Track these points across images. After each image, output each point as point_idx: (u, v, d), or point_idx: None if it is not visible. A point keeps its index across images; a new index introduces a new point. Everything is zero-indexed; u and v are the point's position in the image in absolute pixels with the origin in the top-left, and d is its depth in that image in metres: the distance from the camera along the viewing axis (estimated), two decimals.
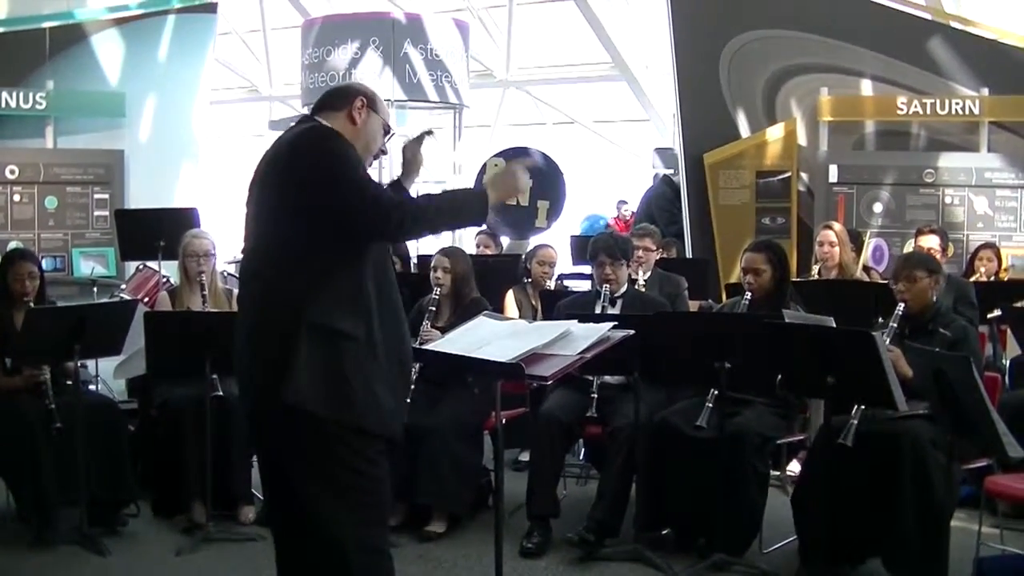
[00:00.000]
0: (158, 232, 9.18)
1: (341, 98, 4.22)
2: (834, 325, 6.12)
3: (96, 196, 11.50)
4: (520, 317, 8.45)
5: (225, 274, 9.31)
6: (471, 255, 8.84)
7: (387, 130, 4.32)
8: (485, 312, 5.51)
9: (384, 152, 4.34)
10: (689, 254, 11.89)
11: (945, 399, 5.17)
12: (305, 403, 3.84)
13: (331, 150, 3.98)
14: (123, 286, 9.61)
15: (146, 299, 8.69)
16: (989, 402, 4.88)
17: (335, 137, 4.04)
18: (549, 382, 4.86)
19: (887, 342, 5.88)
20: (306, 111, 16.07)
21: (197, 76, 12.84)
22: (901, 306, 6.35)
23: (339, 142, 4.02)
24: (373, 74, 15.16)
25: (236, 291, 8.18)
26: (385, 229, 3.96)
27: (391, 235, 4.09)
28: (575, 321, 4.87)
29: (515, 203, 13.69)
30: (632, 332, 4.84)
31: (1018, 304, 8.01)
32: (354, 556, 3.96)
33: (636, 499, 6.66)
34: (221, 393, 6.91)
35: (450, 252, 7.70)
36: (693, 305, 8.91)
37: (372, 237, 3.99)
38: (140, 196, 11.53)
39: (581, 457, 8.36)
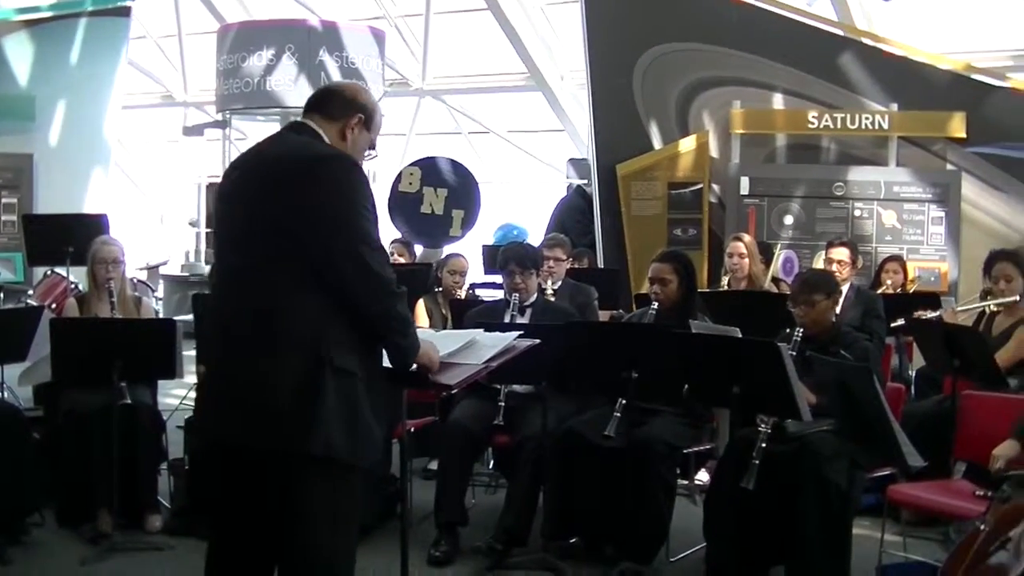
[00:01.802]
0: (67, 238, 9.12)
1: (342, 109, 4.16)
2: (740, 335, 6.20)
3: (4, 200, 11.41)
4: (430, 326, 8.46)
5: (135, 281, 9.24)
6: None
7: (371, 147, 4.29)
8: None
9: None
10: (601, 264, 11.94)
11: (848, 410, 5.23)
12: (334, 452, 3.82)
13: (352, 188, 3.91)
14: (30, 292, 9.52)
15: (54, 305, 8.60)
16: (890, 413, 4.96)
17: (356, 168, 3.97)
18: (454, 391, 4.87)
19: (792, 354, 5.94)
20: (219, 118, 16.06)
21: (110, 80, 12.75)
22: (800, 331, 6.41)
23: (360, 177, 3.96)
24: (288, 81, 15.14)
25: (144, 299, 8.14)
26: (370, 304, 3.94)
27: (368, 307, 4.01)
28: (481, 330, 4.89)
29: (429, 212, 13.73)
30: (537, 341, 4.86)
31: (922, 316, 8.12)
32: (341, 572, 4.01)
33: (544, 508, 6.66)
34: (129, 401, 6.81)
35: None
36: (604, 315, 8.93)
37: (351, 298, 3.91)
38: (49, 201, 11.43)
39: (490, 466, 8.37)
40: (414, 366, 4.25)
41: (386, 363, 4.21)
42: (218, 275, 4.20)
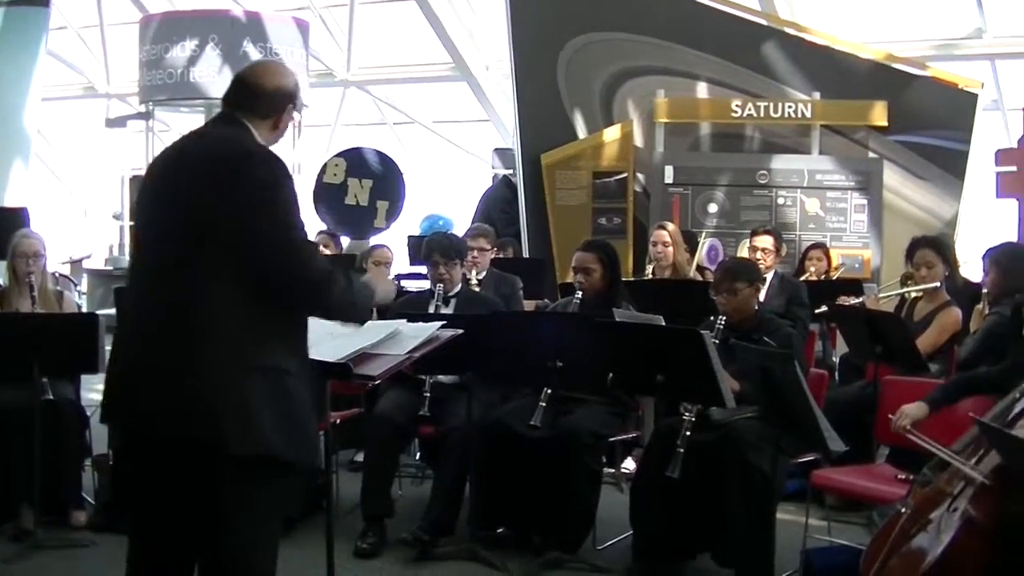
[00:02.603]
0: None
1: (271, 105, 4.06)
2: (663, 324, 6.22)
3: None
4: None
5: (56, 275, 9.13)
6: None
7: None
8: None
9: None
10: (526, 254, 11.96)
11: (771, 396, 5.26)
12: (274, 450, 3.76)
13: (282, 193, 3.85)
14: None
15: None
16: (812, 399, 4.98)
17: (283, 166, 3.91)
18: (377, 382, 4.86)
19: (715, 342, 5.96)
20: (143, 109, 15.93)
21: (29, 71, 12.59)
22: (722, 319, 6.43)
23: (288, 180, 3.90)
24: (212, 72, 15.05)
25: (67, 293, 8.03)
26: (306, 299, 3.92)
27: (306, 303, 3.98)
28: (404, 321, 4.88)
29: (354, 203, 13.68)
30: (460, 332, 4.86)
31: (844, 303, 8.18)
32: (261, 567, 3.98)
33: (470, 498, 6.65)
34: (51, 396, 6.74)
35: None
36: (529, 305, 8.95)
37: (287, 299, 3.88)
38: None
39: (416, 457, 8.35)
40: (335, 350, 4.25)
41: (319, 356, 4.20)
42: (138, 270, 4.11)
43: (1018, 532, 4.56)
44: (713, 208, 12.01)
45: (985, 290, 7.63)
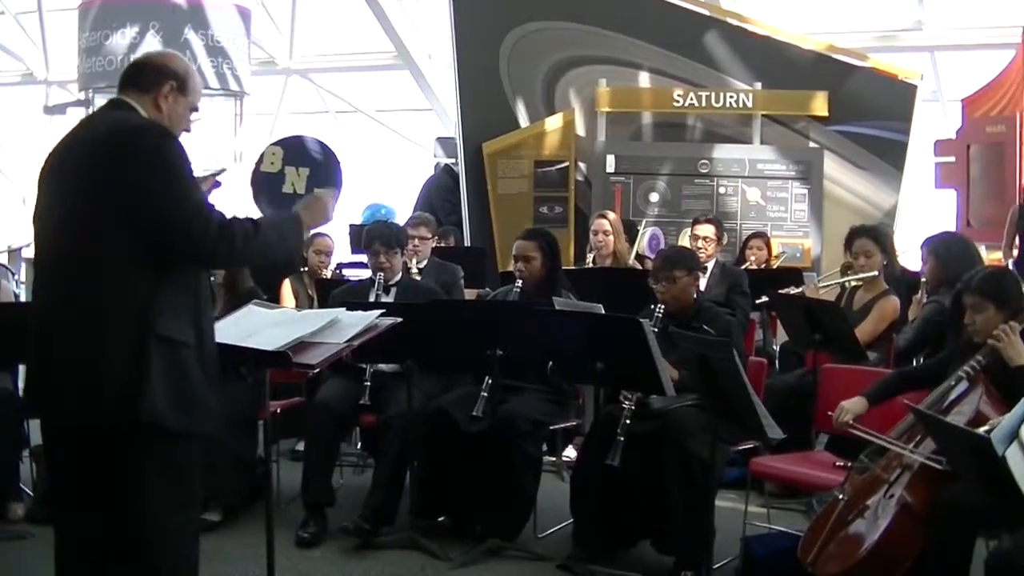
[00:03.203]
0: None
1: (153, 79, 4.07)
2: (603, 312, 6.23)
3: None
4: (296, 306, 8.41)
5: None
6: None
7: (194, 110, 4.21)
8: (255, 301, 5.44)
9: (188, 131, 4.21)
10: (467, 243, 11.95)
11: (710, 384, 5.28)
12: (162, 420, 3.75)
13: (163, 157, 3.83)
14: None
15: None
16: (750, 387, 5.01)
17: (166, 137, 3.90)
18: (316, 370, 4.85)
19: (655, 330, 5.98)
20: (83, 96, 15.81)
21: None
22: (661, 308, 6.44)
23: (171, 145, 3.88)
24: None
25: (4, 282, 7.95)
26: (206, 259, 3.92)
27: (210, 264, 3.96)
28: (343, 309, 4.87)
29: (292, 191, 13.61)
30: (399, 320, 4.86)
31: (784, 291, 8.22)
32: (173, 547, 3.94)
33: (411, 486, 6.64)
34: None
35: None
36: (470, 293, 8.95)
37: (190, 262, 3.89)
38: None
39: (357, 446, 8.33)
40: (274, 338, 4.23)
41: (246, 344, 4.18)
42: (39, 256, 4.09)
43: (952, 516, 4.62)
44: (655, 197, 12.03)
45: (923, 279, 7.70)
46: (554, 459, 7.88)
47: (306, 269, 9.03)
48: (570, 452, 7.99)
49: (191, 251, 3.84)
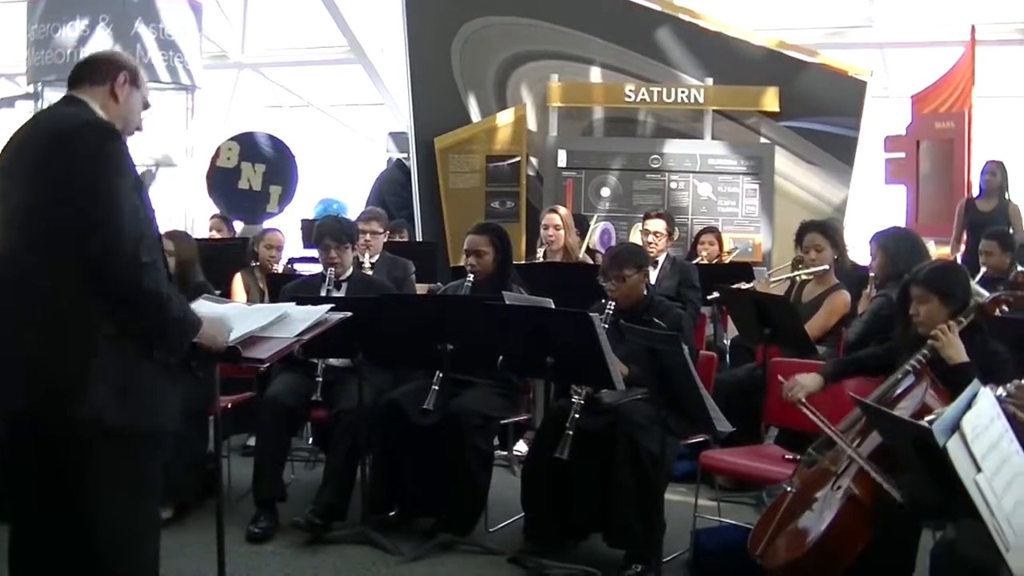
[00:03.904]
0: None
1: (103, 71, 4.07)
2: (553, 306, 6.24)
3: None
4: (248, 301, 8.38)
5: None
6: (199, 239, 8.71)
7: (146, 106, 4.21)
8: (204, 296, 5.41)
9: (140, 129, 4.19)
10: (419, 238, 11.95)
11: (659, 378, 5.30)
12: (109, 419, 3.72)
13: (106, 159, 3.77)
14: None
15: None
16: (698, 380, 5.02)
17: (111, 138, 3.85)
18: (266, 365, 4.84)
19: (605, 326, 5.99)
20: (31, 90, 15.64)
21: None
22: (612, 304, 6.46)
23: (115, 147, 3.83)
24: None
25: None
26: (123, 285, 3.77)
27: (125, 292, 3.86)
28: (293, 304, 4.86)
29: (247, 187, 13.60)
30: (349, 315, 4.85)
31: (735, 286, 8.25)
32: (129, 548, 3.92)
33: (362, 481, 6.64)
34: None
35: (174, 235, 7.54)
36: (422, 288, 8.94)
37: (101, 273, 3.77)
38: None
39: (309, 441, 8.32)
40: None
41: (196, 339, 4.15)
42: None
43: (897, 508, 4.65)
44: (606, 192, 12.08)
45: (872, 274, 7.74)
46: (505, 453, 7.89)
47: (257, 264, 9.02)
48: (521, 446, 8.01)
49: (104, 267, 3.74)
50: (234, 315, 4.55)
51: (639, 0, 12.73)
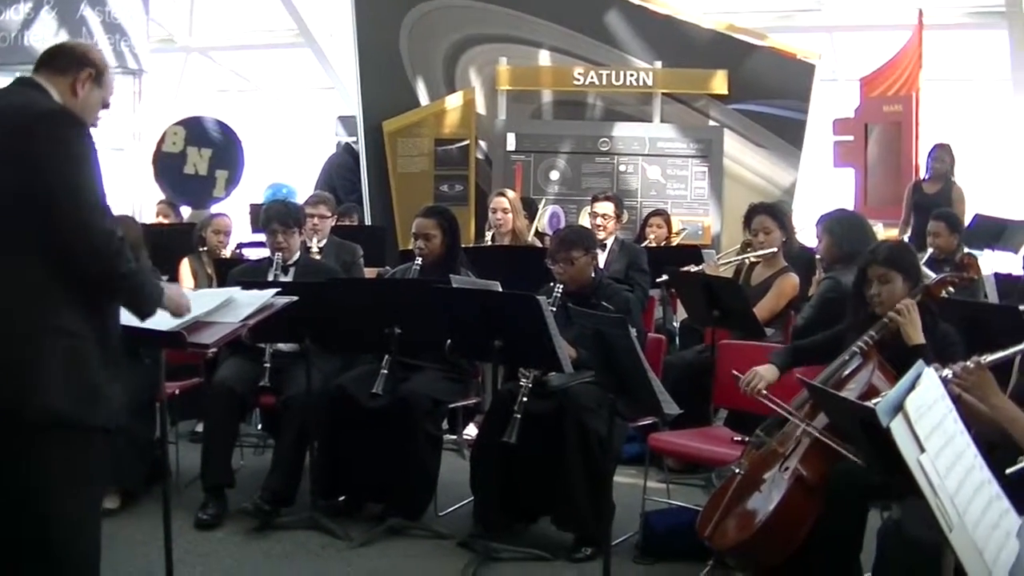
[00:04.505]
0: None
1: (69, 62, 4.01)
2: (500, 290, 6.23)
3: None
4: (195, 286, 8.36)
5: None
6: (146, 224, 8.66)
7: (105, 106, 4.16)
8: None
9: (94, 126, 4.13)
10: (368, 221, 11.91)
11: (606, 361, 5.30)
12: (58, 413, 3.69)
13: (71, 147, 3.73)
14: None
15: None
16: (645, 363, 5.02)
17: (77, 126, 3.80)
18: (212, 350, 4.81)
19: (552, 309, 6.00)
20: None
21: None
22: (560, 287, 6.46)
23: (82, 136, 3.78)
24: (48, 36, 14.58)
25: None
26: (100, 268, 3.76)
27: (97, 273, 3.83)
28: (238, 288, 4.83)
29: (194, 172, 13.52)
30: (295, 299, 4.84)
31: (684, 268, 8.26)
32: (78, 542, 3.88)
33: (311, 467, 6.63)
34: None
35: (120, 220, 7.44)
36: (371, 272, 8.92)
37: (81, 264, 3.75)
38: None
39: (258, 426, 8.28)
40: (168, 319, 4.17)
41: (143, 325, 4.12)
42: None
43: (844, 488, 4.69)
44: (555, 175, 12.07)
45: (819, 256, 7.77)
46: (455, 437, 7.90)
47: (204, 249, 8.97)
48: (471, 430, 8.00)
49: (76, 246, 3.72)
50: None
51: None
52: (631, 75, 12.31)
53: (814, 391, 4.50)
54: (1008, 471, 3.66)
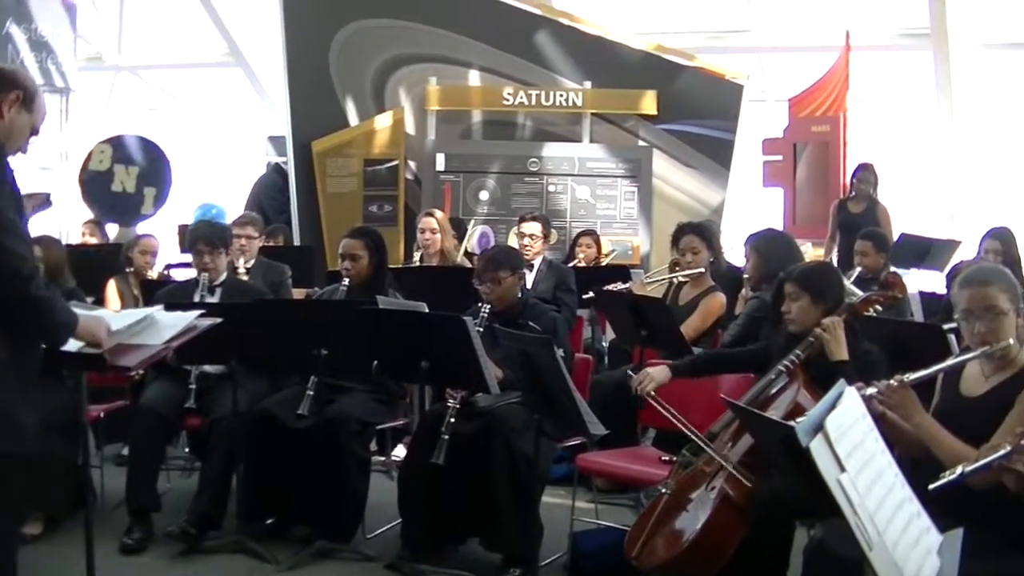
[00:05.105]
0: None
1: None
2: (427, 311, 6.22)
3: None
4: (122, 307, 8.27)
5: None
6: (71, 245, 8.57)
7: (34, 132, 4.10)
8: (74, 302, 5.31)
9: (23, 152, 4.08)
10: (297, 242, 11.87)
11: (533, 381, 5.31)
12: None
13: None
14: None
15: None
16: (571, 383, 5.04)
17: None
18: (133, 372, 4.77)
19: (480, 330, 5.99)
20: None
21: None
22: (487, 307, 6.45)
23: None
24: None
25: None
26: (14, 296, 3.74)
27: (14, 301, 3.78)
28: (160, 308, 4.79)
29: (121, 190, 13.42)
30: (218, 320, 4.79)
31: (609, 287, 8.27)
32: None
33: (238, 489, 6.57)
34: None
35: (42, 240, 7.38)
36: (299, 293, 8.87)
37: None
38: None
39: (185, 449, 8.20)
40: (80, 346, 4.13)
41: (71, 347, 4.08)
42: None
43: (770, 507, 4.71)
44: (484, 195, 12.12)
45: (746, 275, 7.81)
46: (384, 459, 7.86)
47: (131, 270, 8.89)
48: (400, 451, 7.97)
49: (1, 280, 3.70)
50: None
51: (518, 4, 12.77)
52: (561, 95, 12.37)
53: (736, 410, 4.51)
54: (931, 486, 3.69)
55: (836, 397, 3.24)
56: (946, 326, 5.91)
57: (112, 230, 12.91)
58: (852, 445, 3.10)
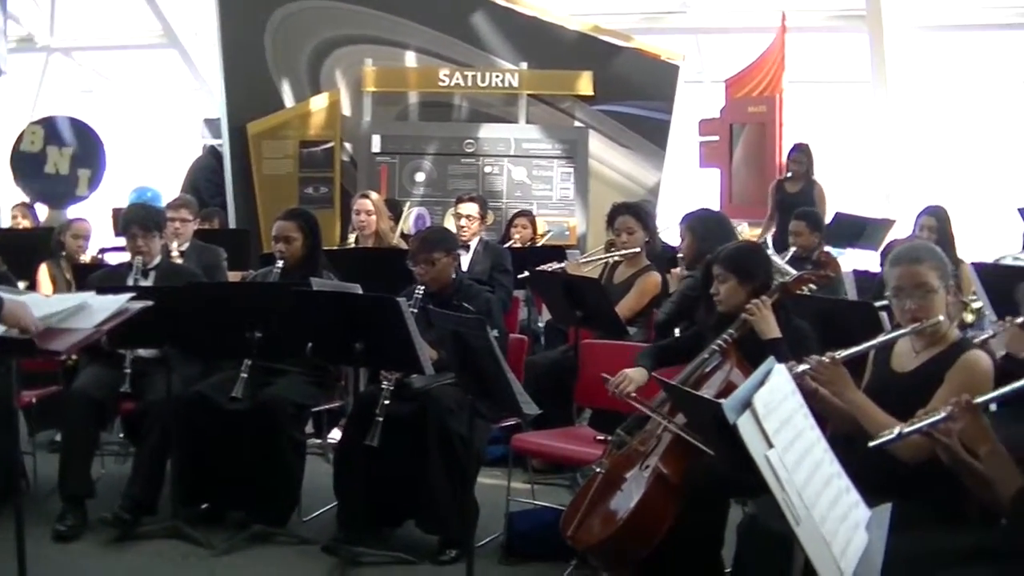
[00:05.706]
0: None
1: None
2: (360, 292, 6.21)
3: None
4: (55, 291, 8.19)
5: None
6: (1, 228, 8.49)
7: None
8: (3, 287, 5.27)
9: None
10: (232, 224, 11.80)
11: (466, 362, 5.30)
12: None
13: None
14: None
15: None
16: (504, 363, 5.03)
17: None
18: (63, 356, 4.74)
19: (414, 311, 5.99)
20: None
21: None
22: (421, 288, 6.44)
23: None
24: None
25: None
26: None
27: None
28: (93, 293, 4.76)
29: (54, 172, 13.30)
30: (150, 304, 4.77)
31: (544, 267, 8.27)
32: None
33: (172, 474, 6.52)
34: None
35: None
36: (235, 276, 8.82)
37: None
38: None
39: (120, 435, 8.14)
40: (4, 330, 4.10)
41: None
42: None
43: (703, 484, 4.74)
44: (420, 177, 12.10)
45: (680, 255, 7.84)
46: (320, 441, 7.85)
47: (64, 254, 8.82)
48: (336, 434, 7.95)
49: None
50: (32, 306, 4.44)
51: None
52: (497, 76, 12.36)
53: (669, 389, 4.53)
54: (871, 444, 3.77)
55: (765, 374, 3.26)
56: (878, 304, 5.97)
57: (42, 212, 12.76)
58: (780, 421, 3.13)
